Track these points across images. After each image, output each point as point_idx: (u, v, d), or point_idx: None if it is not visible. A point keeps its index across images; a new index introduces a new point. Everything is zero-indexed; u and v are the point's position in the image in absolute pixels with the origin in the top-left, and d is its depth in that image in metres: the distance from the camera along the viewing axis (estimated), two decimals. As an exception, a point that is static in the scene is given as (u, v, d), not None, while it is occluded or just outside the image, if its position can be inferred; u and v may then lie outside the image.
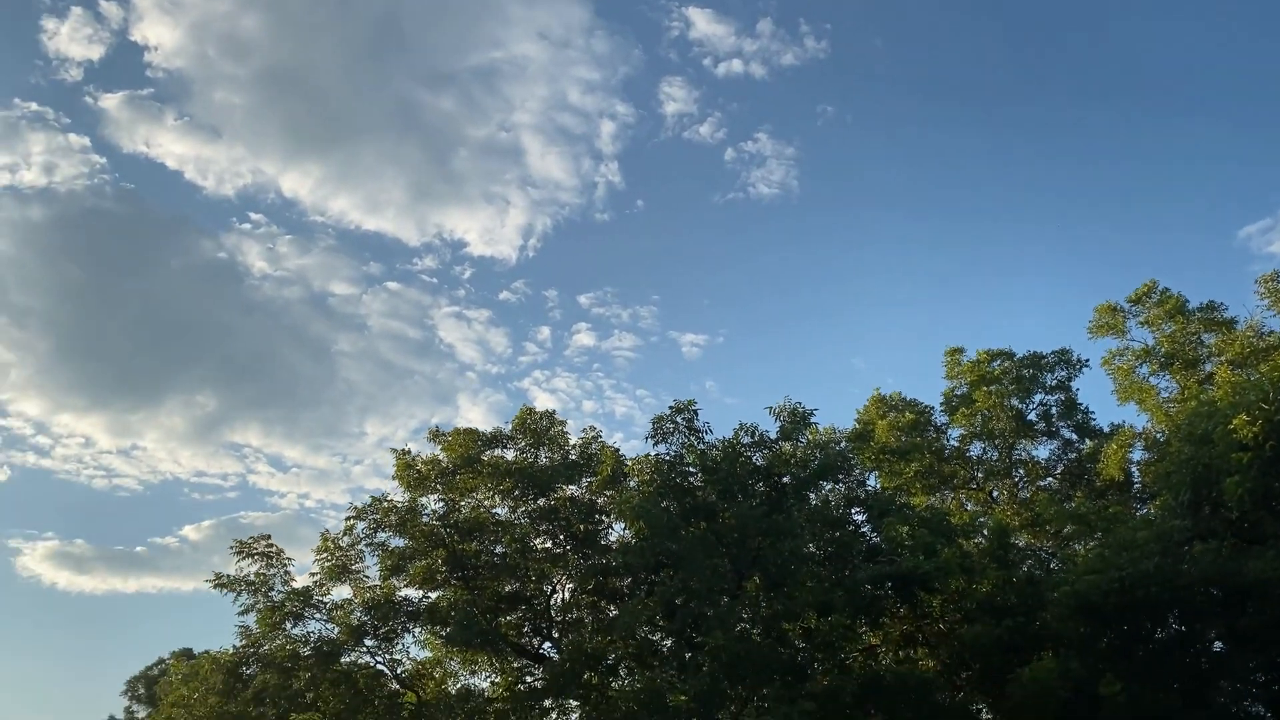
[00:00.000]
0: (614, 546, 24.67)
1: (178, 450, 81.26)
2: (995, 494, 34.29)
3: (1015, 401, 33.49)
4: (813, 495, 24.17)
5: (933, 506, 28.84)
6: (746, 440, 22.30)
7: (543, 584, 25.35)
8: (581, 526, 24.65)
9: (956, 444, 34.45)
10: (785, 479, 22.48)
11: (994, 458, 34.37)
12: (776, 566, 21.14)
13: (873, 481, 30.22)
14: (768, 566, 21.21)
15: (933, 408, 34.58)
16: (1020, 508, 31.86)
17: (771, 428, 22.89)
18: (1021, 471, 34.26)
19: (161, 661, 58.13)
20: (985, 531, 26.24)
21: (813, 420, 23.13)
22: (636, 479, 23.76)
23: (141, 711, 58.40)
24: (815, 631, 21.49)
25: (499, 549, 24.62)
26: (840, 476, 23.82)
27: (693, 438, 22.75)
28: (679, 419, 22.58)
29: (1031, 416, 33.77)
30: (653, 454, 23.06)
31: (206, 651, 26.57)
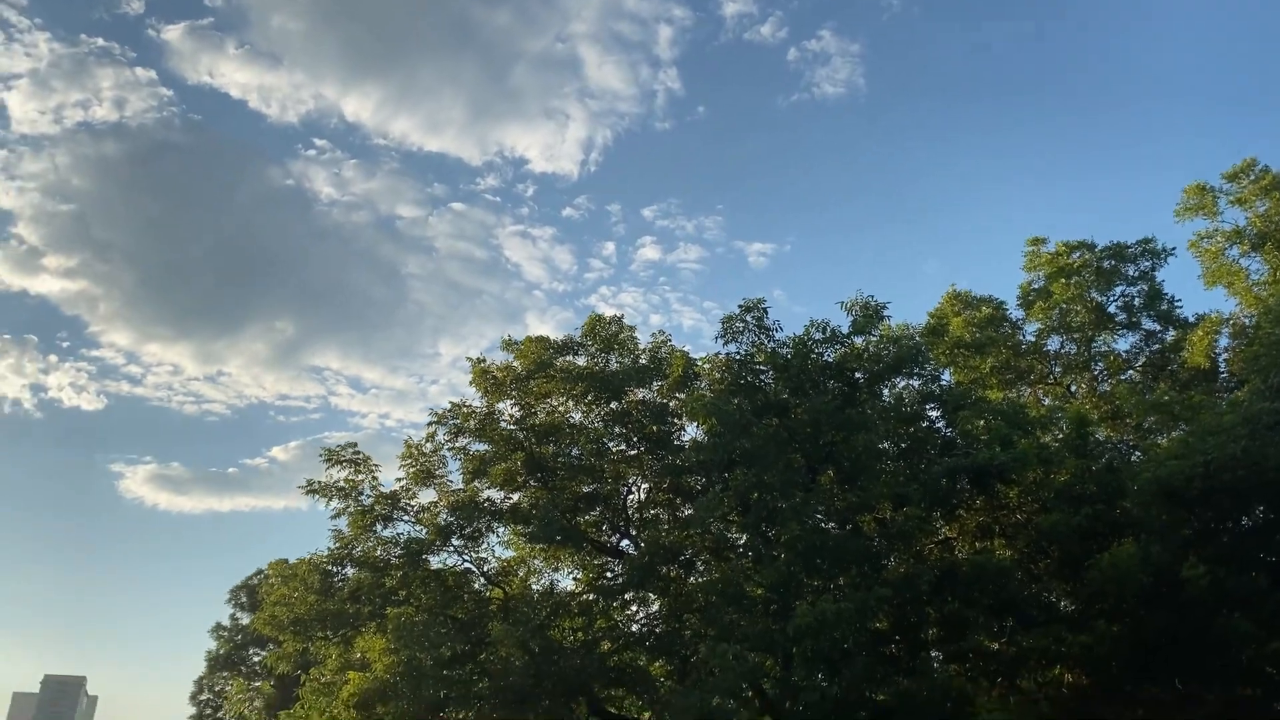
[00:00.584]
0: (687, 446, 25.04)
1: (261, 375, 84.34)
2: (1074, 388, 33.67)
3: (1095, 293, 32.58)
4: (886, 391, 24.08)
5: (1009, 400, 28.46)
6: (818, 336, 22.17)
7: (619, 484, 25.89)
8: (654, 428, 25.00)
9: (1033, 338, 33.78)
10: (858, 374, 22.38)
11: (1072, 351, 33.65)
12: (850, 461, 21.23)
13: (947, 377, 29.97)
14: (841, 461, 21.32)
15: (1007, 303, 33.91)
16: (1100, 401, 31.28)
17: (843, 324, 22.71)
18: (1101, 365, 33.48)
19: (260, 571, 61.36)
20: (1063, 423, 25.91)
21: (885, 315, 22.84)
22: (707, 379, 23.88)
23: (245, 617, 61.90)
24: (890, 523, 21.67)
25: (575, 451, 25.16)
26: (914, 370, 23.60)
27: (762, 336, 22.71)
28: (748, 318, 22.53)
29: (1112, 308, 32.84)
30: (722, 354, 23.14)
31: (301, 558, 27.91)
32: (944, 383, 26.48)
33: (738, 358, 22.39)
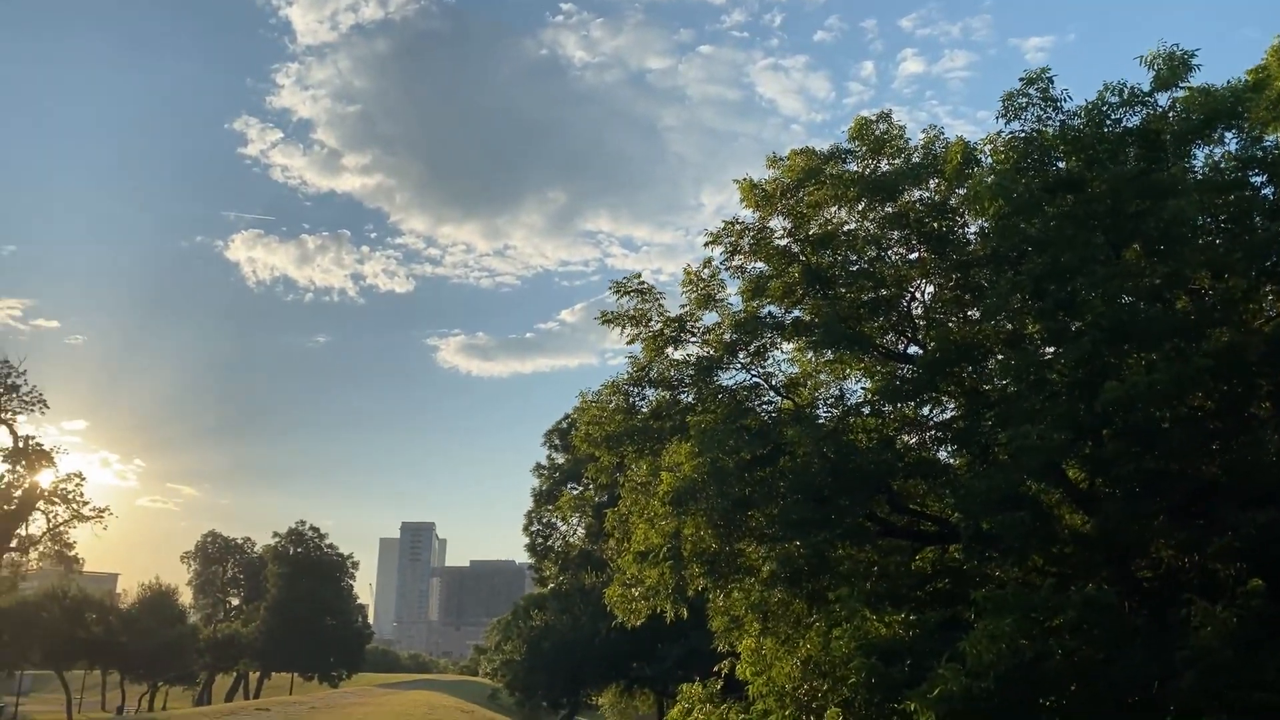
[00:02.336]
0: (972, 241, 24.11)
1: (542, 244, 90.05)
2: None
3: None
4: (1199, 156, 21.69)
5: (1357, 153, 24.59)
6: (1114, 100, 20.22)
7: (901, 289, 25.48)
8: (934, 225, 24.20)
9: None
10: (1165, 136, 20.29)
11: None
12: (1158, 231, 19.55)
13: (1273, 141, 26.34)
14: (1148, 232, 19.67)
15: (1355, 44, 28.71)
16: None
17: (1144, 82, 20.51)
18: None
19: (567, 416, 67.08)
20: None
21: (1194, 65, 20.32)
22: (990, 161, 22.56)
23: (560, 457, 68.21)
24: (1208, 295, 19.92)
25: (853, 257, 24.97)
26: (1232, 125, 21.01)
27: (1049, 110, 21.04)
28: (1032, 91, 20.88)
29: None
30: (1005, 133, 21.72)
31: (605, 382, 30.16)
32: (1269, 144, 23.41)
33: (1022, 135, 20.95)
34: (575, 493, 61.69)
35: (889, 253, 25.46)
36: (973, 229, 24.57)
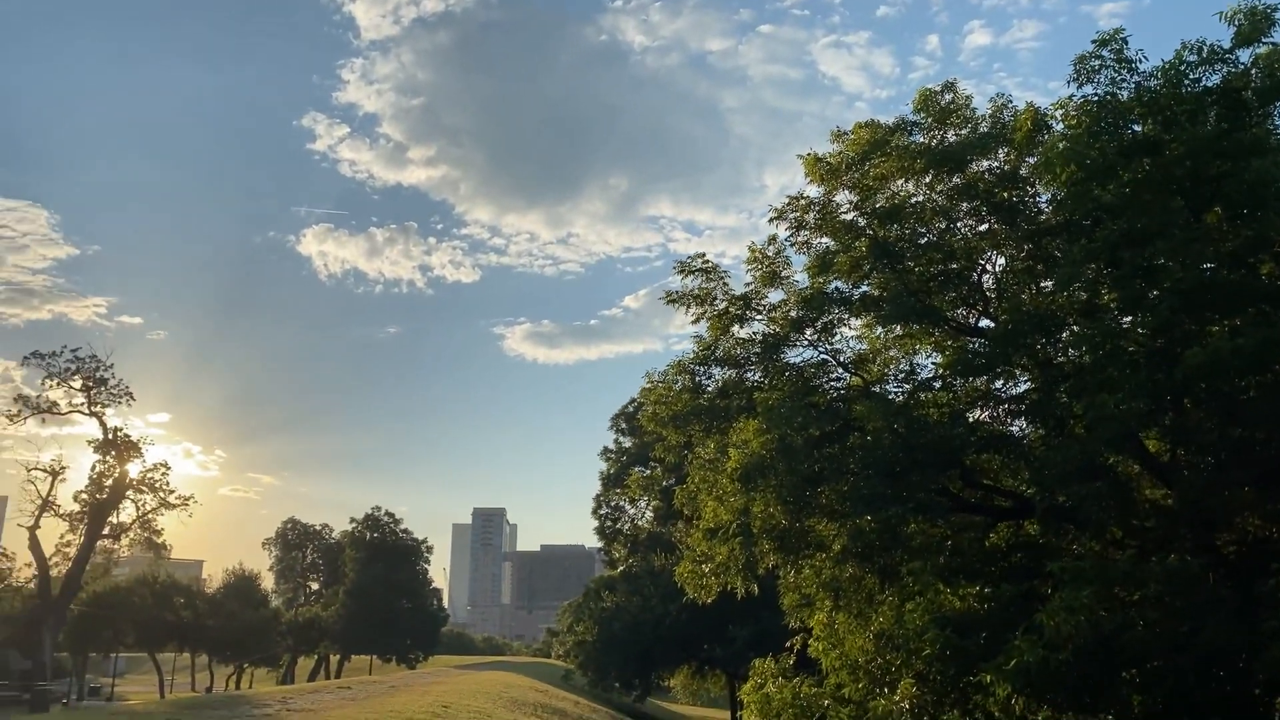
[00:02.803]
0: (1043, 213, 23.60)
1: (605, 231, 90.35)
2: None
3: None
4: (1284, 112, 20.87)
5: None
6: (1192, 59, 19.56)
7: (972, 260, 25.07)
8: (1004, 194, 23.73)
9: None
10: (1247, 94, 19.58)
11: None
12: (1241, 193, 18.89)
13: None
14: (1229, 194, 19.03)
15: None
16: None
17: (1224, 39, 19.81)
18: None
19: (633, 400, 67.50)
20: None
21: (1279, 18, 19.56)
22: (1062, 124, 22.01)
23: (627, 441, 68.68)
24: (1296, 257, 19.22)
25: (921, 230, 24.63)
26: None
27: (1124, 72, 20.44)
28: (1105, 53, 20.29)
29: None
30: (1077, 98, 21.17)
31: (671, 362, 30.27)
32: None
33: (1095, 98, 20.39)
34: (644, 474, 62.02)
35: (958, 224, 25.06)
36: (1044, 198, 24.06)
